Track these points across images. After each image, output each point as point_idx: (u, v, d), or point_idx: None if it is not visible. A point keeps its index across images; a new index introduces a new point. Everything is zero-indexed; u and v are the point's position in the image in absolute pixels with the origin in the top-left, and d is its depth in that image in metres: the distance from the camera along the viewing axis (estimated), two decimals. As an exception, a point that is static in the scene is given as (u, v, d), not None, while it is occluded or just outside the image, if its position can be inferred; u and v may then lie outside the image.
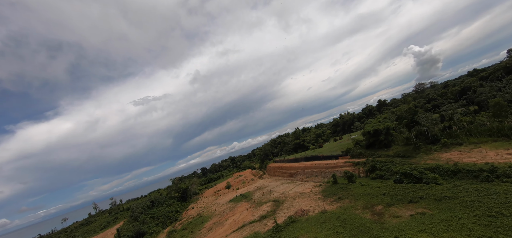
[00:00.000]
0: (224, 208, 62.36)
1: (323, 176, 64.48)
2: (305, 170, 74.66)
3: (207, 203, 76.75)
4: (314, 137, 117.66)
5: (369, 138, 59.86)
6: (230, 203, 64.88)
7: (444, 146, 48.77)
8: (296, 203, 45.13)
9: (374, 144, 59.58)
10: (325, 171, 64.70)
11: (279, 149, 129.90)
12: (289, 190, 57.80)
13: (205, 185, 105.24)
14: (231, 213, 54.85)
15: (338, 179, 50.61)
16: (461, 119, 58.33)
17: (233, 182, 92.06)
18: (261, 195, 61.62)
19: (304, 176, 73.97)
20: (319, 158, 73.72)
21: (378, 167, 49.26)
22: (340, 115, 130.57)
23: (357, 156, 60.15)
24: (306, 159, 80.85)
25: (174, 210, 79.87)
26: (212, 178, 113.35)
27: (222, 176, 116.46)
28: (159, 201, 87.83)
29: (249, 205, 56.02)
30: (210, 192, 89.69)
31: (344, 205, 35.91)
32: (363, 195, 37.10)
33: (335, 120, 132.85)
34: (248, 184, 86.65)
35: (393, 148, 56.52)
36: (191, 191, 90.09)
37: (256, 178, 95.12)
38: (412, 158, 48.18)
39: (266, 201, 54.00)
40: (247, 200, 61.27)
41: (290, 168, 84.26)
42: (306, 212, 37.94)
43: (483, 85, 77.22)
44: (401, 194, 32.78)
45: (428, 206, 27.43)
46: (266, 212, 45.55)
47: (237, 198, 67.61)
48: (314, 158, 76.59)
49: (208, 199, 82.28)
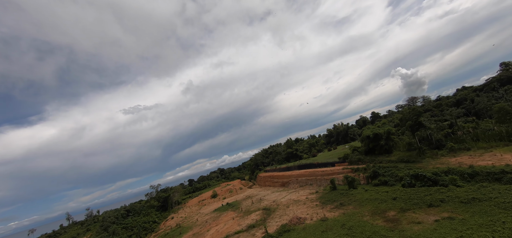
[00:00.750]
0: (207, 217, 54.91)
1: (319, 184, 58.72)
2: (298, 178, 68.69)
3: (189, 213, 68.65)
4: (307, 147, 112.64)
5: (369, 143, 55.33)
6: (214, 213, 57.50)
7: (451, 150, 44.69)
8: (290, 210, 38.93)
9: (373, 149, 54.99)
10: (321, 179, 59.07)
11: (271, 158, 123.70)
12: (282, 198, 51.49)
13: (189, 194, 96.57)
14: (215, 223, 47.64)
15: (337, 185, 45.03)
16: (463, 125, 55.18)
17: (219, 191, 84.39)
18: (250, 204, 54.85)
19: (298, 185, 67.86)
20: (314, 166, 68.25)
21: (381, 172, 44.27)
22: (334, 126, 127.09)
23: (355, 162, 55.15)
24: (299, 167, 75.11)
25: (152, 221, 70.99)
26: (197, 187, 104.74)
27: (208, 185, 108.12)
28: (136, 210, 78.58)
29: (235, 214, 49.09)
30: (194, 202, 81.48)
31: (348, 211, 30.19)
32: (369, 201, 31.61)
33: (329, 130, 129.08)
34: (236, 193, 79.36)
35: (395, 154, 52.03)
36: (172, 200, 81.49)
37: (245, 188, 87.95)
38: (418, 162, 43.62)
39: (255, 209, 47.38)
40: (233, 209, 54.25)
41: (282, 176, 78.04)
42: (302, 220, 31.84)
43: (479, 95, 75.82)
44: (416, 198, 27.55)
45: (455, 210, 22.23)
46: (254, 221, 38.97)
47: (223, 207, 60.34)
48: (308, 166, 71.03)
49: (191, 208, 74.13)
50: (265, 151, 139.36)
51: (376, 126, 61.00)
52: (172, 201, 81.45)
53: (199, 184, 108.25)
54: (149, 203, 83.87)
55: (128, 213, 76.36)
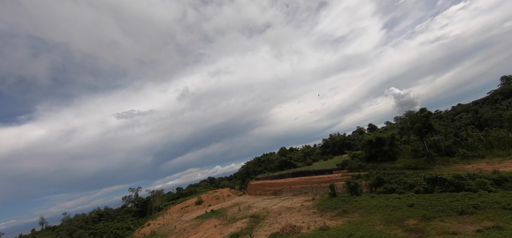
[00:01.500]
0: (187, 225, 47.85)
1: (315, 193, 52.78)
2: (292, 186, 62.57)
3: (168, 220, 61.06)
4: (302, 156, 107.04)
5: (371, 148, 50.31)
6: (196, 220, 50.49)
7: (464, 157, 40.01)
8: (282, 218, 32.79)
9: (376, 155, 49.94)
10: (317, 187, 53.20)
11: (263, 167, 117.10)
12: (273, 205, 45.24)
13: (173, 200, 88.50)
14: (194, 231, 40.79)
15: (337, 192, 39.27)
16: (472, 133, 51.01)
17: (205, 198, 77.04)
18: (236, 211, 48.26)
19: (291, 193, 61.62)
20: (309, 173, 62.49)
21: (386, 179, 38.93)
22: (330, 136, 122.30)
23: (356, 169, 49.76)
24: (293, 175, 69.13)
25: (126, 227, 62.89)
26: (183, 193, 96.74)
27: (195, 192, 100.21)
28: (110, 215, 70.21)
29: (219, 221, 42.42)
30: (176, 208, 73.75)
31: (353, 219, 24.44)
32: (379, 208, 25.99)
33: (324, 140, 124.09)
34: (223, 200, 72.30)
35: (400, 161, 47.00)
36: (152, 206, 73.53)
37: (233, 195, 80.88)
38: (428, 169, 38.59)
39: (241, 217, 40.93)
40: (217, 216, 47.50)
41: (274, 184, 71.69)
42: (297, 228, 25.85)
43: (482, 107, 72.77)
44: (439, 205, 22.13)
45: (499, 218, 16.87)
46: (239, 229, 32.59)
47: (206, 215, 53.39)
48: (303, 173, 65.18)
49: (172, 215, 66.48)
50: (258, 160, 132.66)
51: (378, 132, 56.20)
52: (152, 207, 73.46)
53: (185, 190, 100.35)
54: (126, 208, 75.54)
55: (100, 218, 67.97)
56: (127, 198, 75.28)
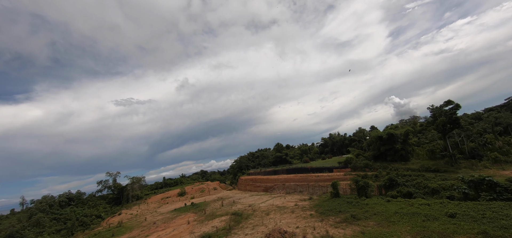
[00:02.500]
0: (159, 218, 40.63)
1: (311, 192, 45.72)
2: (285, 184, 55.50)
3: (143, 210, 53.85)
4: (299, 153, 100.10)
5: (380, 146, 43.26)
6: (171, 213, 43.30)
7: (495, 161, 33.07)
8: (270, 220, 25.61)
9: (385, 154, 42.93)
10: (315, 186, 46.13)
11: (257, 162, 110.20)
12: (261, 203, 38.08)
13: (156, 190, 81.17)
14: (163, 226, 33.58)
15: (341, 192, 32.11)
16: (497, 137, 44.10)
17: (189, 190, 69.82)
18: (218, 206, 41.08)
19: (284, 191, 54.53)
20: (306, 171, 55.42)
21: (400, 181, 31.90)
22: (330, 135, 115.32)
23: (361, 168, 42.72)
24: (288, 171, 62.06)
25: (95, 214, 55.56)
26: (167, 183, 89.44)
27: (181, 182, 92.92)
28: (82, 199, 62.79)
29: (195, 216, 35.23)
30: (156, 198, 66.45)
31: (369, 229, 17.28)
32: (403, 216, 18.83)
33: (324, 139, 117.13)
34: (208, 193, 65.13)
35: (414, 162, 39.98)
36: (129, 193, 66.15)
37: (221, 189, 73.69)
38: (453, 173, 31.61)
39: (222, 213, 33.74)
40: (196, 211, 40.33)
41: (266, 180, 64.63)
42: (289, 235, 18.66)
43: (500, 112, 65.99)
44: (501, 217, 14.99)
45: None
46: (215, 229, 25.41)
47: (184, 208, 46.22)
48: (299, 170, 58.11)
49: (149, 206, 59.21)
50: (252, 155, 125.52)
51: (388, 128, 49.11)
52: (130, 195, 66.09)
53: (171, 180, 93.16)
54: (101, 193, 68.10)
55: (69, 202, 60.62)
56: (103, 183, 67.83)
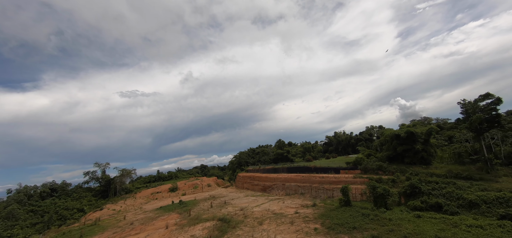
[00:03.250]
0: (140, 217, 35.68)
1: (315, 195, 40.14)
2: (285, 184, 50.01)
3: (128, 206, 49.18)
4: (302, 151, 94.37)
5: (396, 146, 37.27)
6: (155, 212, 38.34)
7: (544, 172, 26.89)
8: (263, 232, 20.17)
9: (402, 156, 36.96)
10: (319, 188, 40.49)
11: (257, 159, 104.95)
12: (255, 206, 32.66)
13: (148, 183, 76.67)
14: (139, 228, 28.53)
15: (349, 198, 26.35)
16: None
17: (182, 186, 64.97)
18: (207, 207, 35.86)
19: (283, 192, 49.05)
20: (309, 170, 49.81)
21: (425, 189, 26.06)
22: (335, 134, 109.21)
23: (373, 171, 36.89)
24: (289, 170, 56.54)
25: (77, 208, 51.16)
26: (161, 176, 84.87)
27: (176, 177, 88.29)
28: (66, 190, 58.48)
29: (178, 218, 30.10)
30: (146, 193, 61.80)
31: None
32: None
33: (328, 137, 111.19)
34: (202, 190, 60.13)
35: (437, 166, 33.97)
36: (117, 186, 61.57)
37: (216, 186, 68.64)
38: (491, 181, 25.62)
39: (208, 218, 28.47)
40: (181, 211, 35.19)
41: (265, 178, 59.23)
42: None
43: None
44: None
45: None
46: (192, 239, 20.09)
47: (171, 206, 41.20)
48: (301, 169, 52.53)
49: (137, 201, 54.54)
50: (252, 151, 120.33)
51: (406, 126, 42.90)
52: (118, 188, 61.51)
53: (165, 174, 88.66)
54: (88, 184, 63.74)
55: (52, 193, 56.43)
56: (91, 174, 63.37)
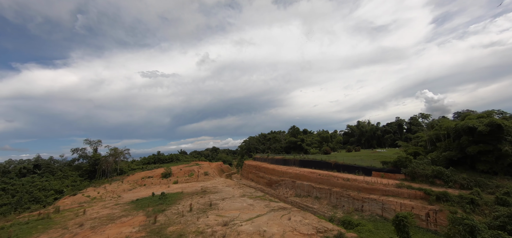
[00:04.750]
0: (104, 213, 27.52)
1: (336, 204, 29.29)
2: (296, 181, 39.35)
3: (106, 193, 41.88)
4: (318, 140, 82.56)
5: (467, 144, 24.85)
6: (126, 206, 30.08)
7: None
8: None
9: (473, 160, 24.63)
10: (342, 195, 29.43)
11: (267, 146, 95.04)
12: (247, 219, 22.68)
13: (146, 165, 70.17)
14: (89, 232, 19.82)
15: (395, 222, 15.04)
16: None
17: (177, 171, 57.01)
18: (184, 211, 26.57)
19: (293, 192, 38.60)
20: (328, 166, 38.59)
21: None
22: (358, 123, 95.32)
23: (427, 179, 25.03)
24: (302, 163, 45.71)
25: (57, 189, 45.05)
26: (161, 158, 78.21)
27: (177, 159, 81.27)
28: (51, 168, 52.83)
29: (138, 226, 21.02)
30: (138, 176, 54.76)
31: None
32: None
33: (349, 127, 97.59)
34: (196, 178, 51.56)
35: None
36: (107, 167, 54.94)
37: (216, 173, 59.87)
38: None
39: (173, 233, 18.92)
40: (153, 211, 26.26)
41: (272, 171, 49.05)
42: None
43: None
44: None
45: None
46: None
47: (147, 201, 32.68)
48: (318, 164, 41.45)
49: (121, 186, 47.36)
50: (264, 136, 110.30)
51: (486, 115, 29.41)
52: (108, 169, 54.97)
53: (165, 156, 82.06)
54: (78, 162, 58.01)
55: (34, 169, 51.19)
56: (80, 151, 57.38)
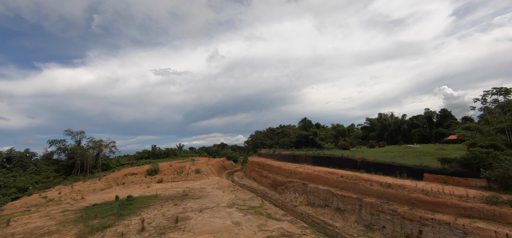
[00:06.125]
0: (30, 226, 19.03)
1: (370, 221, 19.04)
2: (308, 185, 29.19)
3: (68, 194, 33.87)
4: (334, 135, 71.53)
5: None
6: (70, 216, 21.57)
7: None
8: None
9: None
10: (381, 209, 19.07)
11: (275, 141, 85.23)
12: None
13: (139, 160, 62.55)
14: None
15: None
16: None
17: (165, 168, 48.51)
18: (131, 231, 17.22)
19: (304, 198, 28.64)
20: (353, 165, 28.16)
21: None
22: (380, 115, 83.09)
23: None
24: (315, 160, 35.48)
25: (20, 187, 37.87)
26: (156, 153, 70.46)
27: (174, 154, 73.23)
28: (24, 162, 45.90)
29: None
30: (120, 174, 46.80)
31: None
32: None
33: (369, 121, 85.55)
34: (185, 177, 42.57)
35: None
36: (84, 161, 47.30)
37: (214, 171, 50.67)
38: None
39: None
40: (91, 230, 17.28)
41: (278, 170, 39.12)
42: None
43: None
44: None
45: None
46: None
47: (103, 207, 23.97)
48: (339, 162, 31.10)
49: (93, 185, 39.31)
50: (272, 131, 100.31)
51: None
52: (87, 164, 47.37)
53: (162, 151, 74.39)
54: (59, 155, 50.96)
55: (3, 163, 44.38)
56: (59, 144, 50.28)
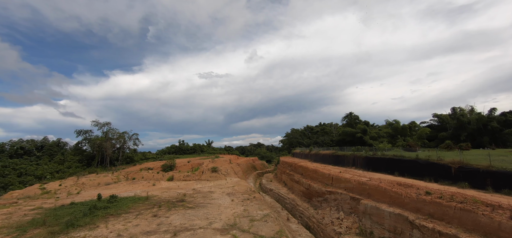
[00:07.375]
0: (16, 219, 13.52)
1: None
2: (362, 201, 18.46)
3: (68, 187, 30.21)
4: (389, 133, 56.81)
5: None
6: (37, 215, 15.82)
7: None
8: None
9: None
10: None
11: (313, 140, 74.04)
12: None
13: (164, 155, 59.67)
14: None
15: None
16: None
17: (181, 164, 43.04)
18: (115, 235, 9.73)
19: (354, 221, 18.19)
20: (442, 173, 16.52)
21: None
22: (454, 110, 63.50)
23: None
24: (369, 163, 24.32)
25: (37, 174, 36.68)
26: (183, 148, 67.09)
27: (201, 151, 68.70)
28: (51, 150, 46.05)
29: None
30: (137, 168, 43.07)
31: None
32: None
33: (437, 116, 66.36)
34: (200, 176, 35.73)
35: None
36: (106, 152, 45.10)
37: (238, 171, 42.82)
38: None
39: None
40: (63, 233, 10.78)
41: (314, 174, 28.89)
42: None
43: None
44: None
45: None
46: None
47: (76, 208, 17.87)
48: (411, 168, 19.61)
49: (100, 178, 35.64)
50: (310, 129, 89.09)
51: None
52: (107, 156, 45.18)
53: (189, 146, 70.72)
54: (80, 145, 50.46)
55: (32, 151, 45.00)
56: (87, 134, 49.71)
